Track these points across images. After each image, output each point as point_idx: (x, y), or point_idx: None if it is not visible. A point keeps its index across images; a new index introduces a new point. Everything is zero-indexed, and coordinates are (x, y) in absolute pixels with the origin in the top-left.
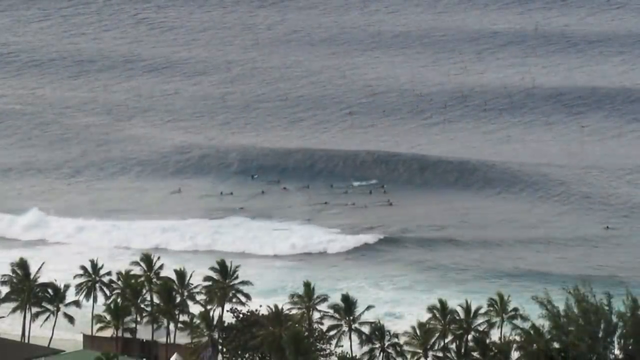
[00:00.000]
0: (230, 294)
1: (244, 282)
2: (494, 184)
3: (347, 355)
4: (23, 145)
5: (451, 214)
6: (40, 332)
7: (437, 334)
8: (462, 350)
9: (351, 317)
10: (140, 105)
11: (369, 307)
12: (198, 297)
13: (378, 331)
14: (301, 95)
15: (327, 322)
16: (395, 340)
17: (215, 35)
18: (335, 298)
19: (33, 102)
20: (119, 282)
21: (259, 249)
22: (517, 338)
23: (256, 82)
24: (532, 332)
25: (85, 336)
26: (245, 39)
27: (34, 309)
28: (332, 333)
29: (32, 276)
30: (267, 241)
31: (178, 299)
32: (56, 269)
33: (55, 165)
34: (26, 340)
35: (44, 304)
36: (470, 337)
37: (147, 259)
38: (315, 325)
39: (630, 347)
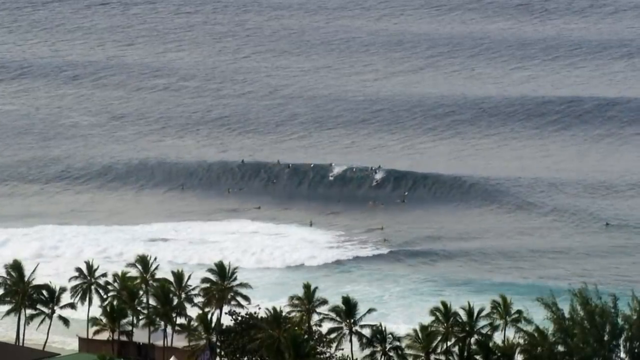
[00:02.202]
0: (229, 296)
1: (242, 284)
2: (492, 197)
3: (348, 359)
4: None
5: (450, 225)
6: (35, 335)
7: (439, 337)
8: (465, 354)
9: (352, 320)
10: (129, 110)
11: (370, 310)
12: (196, 300)
13: (379, 334)
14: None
15: (328, 325)
16: (397, 343)
17: (206, 35)
18: (337, 302)
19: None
20: (115, 284)
21: (252, 263)
22: (521, 341)
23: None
24: (536, 335)
25: (80, 339)
26: (236, 38)
27: (29, 312)
28: (332, 336)
29: (26, 278)
30: (262, 254)
31: (175, 301)
32: (49, 273)
33: (49, 170)
34: (21, 344)
35: (38, 306)
36: (473, 340)
37: (143, 261)
38: (315, 328)
39: (636, 350)
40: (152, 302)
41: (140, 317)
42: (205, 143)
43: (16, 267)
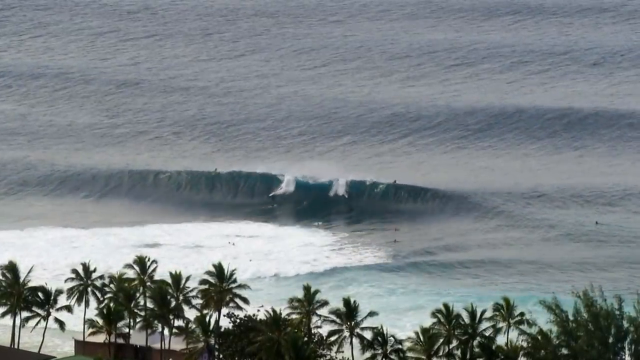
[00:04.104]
0: (227, 298)
1: (241, 286)
2: (487, 209)
3: None
4: None
5: (448, 235)
6: (31, 337)
7: (441, 340)
8: (468, 356)
9: (352, 322)
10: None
11: (371, 313)
12: (194, 301)
13: (380, 337)
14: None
15: (328, 327)
16: (398, 346)
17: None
18: (338, 305)
19: None
20: (112, 286)
21: (253, 266)
22: (524, 344)
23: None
24: (539, 337)
25: (76, 342)
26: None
27: (24, 314)
28: (333, 338)
29: (21, 280)
30: (263, 257)
31: (173, 303)
32: (44, 276)
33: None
34: (16, 346)
35: (34, 308)
36: (475, 342)
37: (140, 262)
38: (315, 331)
39: None
40: (149, 304)
41: (138, 320)
42: (202, 146)
43: (11, 268)
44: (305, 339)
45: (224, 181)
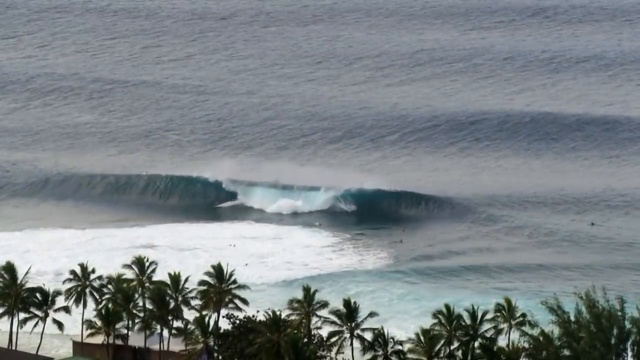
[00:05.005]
0: (227, 299)
1: (241, 287)
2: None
3: None
4: None
5: (449, 239)
6: (29, 339)
7: (442, 341)
8: (469, 357)
9: (353, 323)
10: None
11: (371, 314)
12: (193, 302)
13: (380, 338)
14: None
15: (329, 328)
16: (399, 347)
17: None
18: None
19: None
20: (110, 287)
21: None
22: (526, 345)
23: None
24: (541, 338)
25: (75, 343)
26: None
27: (22, 315)
28: (333, 340)
29: (19, 280)
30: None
31: (172, 304)
32: (42, 277)
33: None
34: (14, 347)
35: (32, 309)
36: (477, 343)
37: (139, 262)
38: (315, 332)
39: None
40: (148, 305)
41: (136, 321)
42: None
43: (9, 269)
44: (305, 340)
45: (223, 182)
